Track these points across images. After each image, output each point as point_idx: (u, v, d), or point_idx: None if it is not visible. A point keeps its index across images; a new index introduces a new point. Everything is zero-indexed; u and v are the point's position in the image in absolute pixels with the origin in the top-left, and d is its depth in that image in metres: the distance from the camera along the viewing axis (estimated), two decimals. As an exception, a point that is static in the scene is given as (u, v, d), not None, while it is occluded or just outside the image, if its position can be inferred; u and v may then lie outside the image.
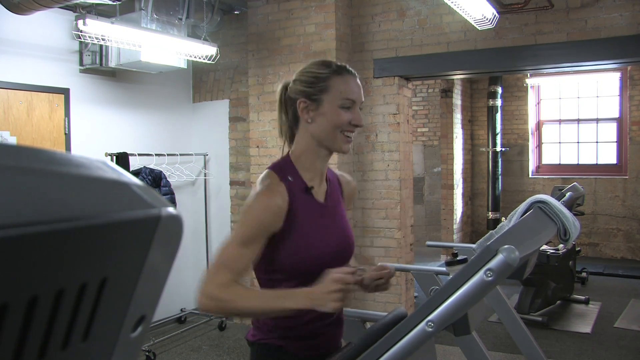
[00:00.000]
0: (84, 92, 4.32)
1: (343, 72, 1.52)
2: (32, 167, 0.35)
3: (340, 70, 1.52)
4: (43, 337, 0.36)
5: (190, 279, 5.16)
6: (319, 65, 1.54)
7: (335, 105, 1.49)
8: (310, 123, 1.51)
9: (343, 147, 1.52)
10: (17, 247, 0.32)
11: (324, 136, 1.51)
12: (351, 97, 1.50)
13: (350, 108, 1.50)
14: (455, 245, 4.66)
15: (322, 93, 1.50)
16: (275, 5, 4.49)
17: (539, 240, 1.53)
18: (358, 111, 1.52)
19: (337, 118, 1.49)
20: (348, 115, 1.49)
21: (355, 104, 1.51)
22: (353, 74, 1.55)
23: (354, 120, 1.50)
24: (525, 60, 4.01)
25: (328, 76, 1.51)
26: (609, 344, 4.31)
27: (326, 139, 1.52)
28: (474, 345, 1.99)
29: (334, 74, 1.51)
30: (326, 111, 1.49)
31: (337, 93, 1.49)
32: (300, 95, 1.51)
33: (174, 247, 0.44)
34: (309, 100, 1.50)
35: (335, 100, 1.49)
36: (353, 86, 1.52)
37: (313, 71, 1.52)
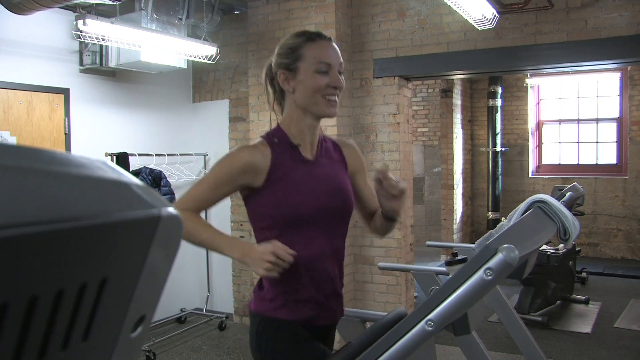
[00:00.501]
0: (84, 92, 4.32)
1: (316, 38, 1.57)
2: (32, 167, 0.35)
3: (312, 37, 1.58)
4: (43, 337, 0.36)
5: (190, 279, 5.17)
6: (293, 36, 1.60)
7: (311, 71, 1.54)
8: (292, 93, 1.58)
9: (327, 110, 1.57)
10: (17, 247, 0.32)
11: (306, 102, 1.57)
12: (325, 60, 1.55)
13: (326, 72, 1.55)
14: (455, 245, 4.66)
15: (298, 61, 1.56)
16: (275, 5, 4.49)
17: (538, 239, 1.53)
18: (336, 73, 1.56)
19: (314, 82, 1.54)
20: (325, 79, 1.54)
21: (332, 67, 1.55)
22: (327, 38, 1.59)
23: (332, 82, 1.55)
24: (525, 60, 4.01)
25: (301, 44, 1.57)
26: (609, 344, 4.31)
27: (309, 105, 1.57)
28: (474, 345, 2.00)
29: (307, 41, 1.57)
30: (303, 78, 1.55)
31: (311, 59, 1.55)
32: (280, 67, 1.59)
33: (174, 247, 0.44)
34: (287, 71, 1.57)
35: (310, 65, 1.55)
36: (327, 50, 1.56)
37: (288, 43, 1.59)
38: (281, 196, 1.54)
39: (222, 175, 1.55)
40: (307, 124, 1.60)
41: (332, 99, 1.56)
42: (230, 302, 5.06)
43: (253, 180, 1.55)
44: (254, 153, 1.55)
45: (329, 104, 1.56)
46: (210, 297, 5.16)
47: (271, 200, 1.54)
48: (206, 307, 5.11)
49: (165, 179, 4.53)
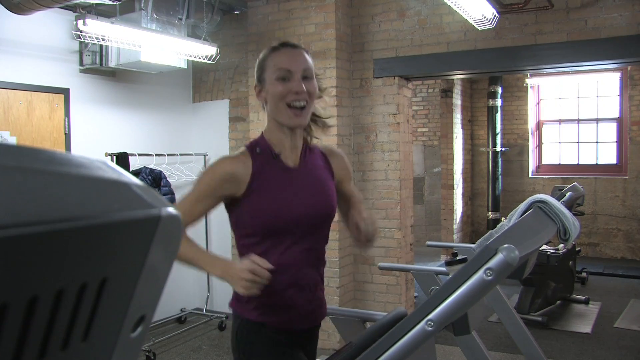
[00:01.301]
0: (84, 92, 4.32)
1: (279, 47, 1.57)
2: (32, 167, 0.35)
3: (277, 47, 1.58)
4: (43, 337, 0.36)
5: (190, 279, 5.16)
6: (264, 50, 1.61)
7: (272, 79, 1.54)
8: (266, 104, 1.59)
9: (290, 121, 1.55)
10: (17, 247, 0.32)
11: (274, 113, 1.57)
12: (283, 66, 1.53)
13: (287, 79, 1.53)
14: (455, 245, 4.65)
15: (264, 72, 1.57)
16: (275, 5, 4.49)
17: (538, 239, 1.53)
18: (297, 79, 1.53)
19: (274, 90, 1.54)
20: (285, 86, 1.52)
21: (292, 73, 1.53)
22: (292, 45, 1.58)
23: (293, 87, 1.51)
24: (525, 60, 4.01)
25: (267, 56, 1.58)
26: (609, 344, 4.31)
27: (276, 115, 1.57)
28: (474, 345, 2.00)
29: (272, 51, 1.57)
30: (267, 87, 1.56)
31: (272, 67, 1.55)
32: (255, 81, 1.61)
33: (174, 247, 0.44)
34: (258, 84, 1.59)
35: (271, 74, 1.55)
36: (286, 56, 1.55)
37: (259, 56, 1.61)
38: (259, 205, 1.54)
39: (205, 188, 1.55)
40: (285, 134, 1.60)
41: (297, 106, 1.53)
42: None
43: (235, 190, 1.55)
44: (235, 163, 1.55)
45: (292, 113, 1.54)
46: (210, 297, 5.16)
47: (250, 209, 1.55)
48: (206, 307, 5.11)
49: (165, 179, 4.53)
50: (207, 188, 1.55)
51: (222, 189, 1.54)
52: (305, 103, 1.54)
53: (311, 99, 1.56)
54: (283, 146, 1.60)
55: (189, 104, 5.31)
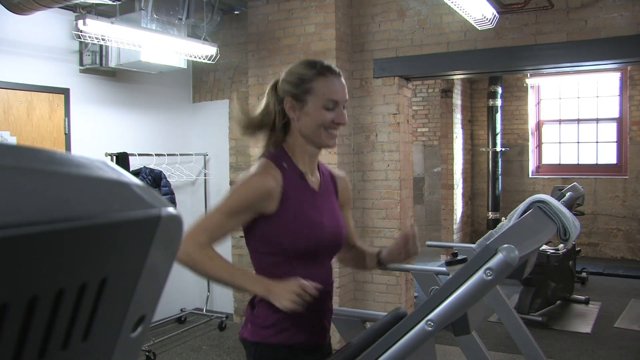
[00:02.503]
0: (84, 92, 4.32)
1: (326, 74, 1.58)
2: (32, 167, 0.35)
3: (323, 72, 1.58)
4: (43, 337, 0.36)
5: (190, 279, 5.16)
6: (304, 66, 1.60)
7: (319, 106, 1.56)
8: (297, 121, 1.59)
9: (328, 142, 1.60)
10: (17, 247, 0.32)
11: (309, 133, 1.59)
12: (334, 98, 1.57)
13: (333, 108, 1.57)
14: (455, 245, 4.65)
15: (307, 94, 1.56)
16: (275, 5, 4.49)
17: (538, 239, 1.53)
18: (341, 110, 1.59)
19: (320, 118, 1.56)
20: (331, 115, 1.57)
21: (339, 104, 1.58)
22: (337, 73, 1.60)
23: (337, 119, 1.57)
24: (525, 60, 4.01)
25: (312, 78, 1.57)
26: (609, 344, 4.31)
27: (311, 136, 1.59)
28: (474, 345, 2.00)
29: (318, 75, 1.57)
30: (310, 111, 1.56)
31: (321, 95, 1.56)
32: (287, 94, 1.59)
33: (174, 247, 0.44)
34: (294, 100, 1.58)
35: (318, 101, 1.56)
36: (336, 87, 1.58)
37: (298, 72, 1.59)
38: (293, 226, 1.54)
39: (240, 204, 1.51)
40: (309, 152, 1.62)
41: (333, 133, 1.59)
42: (230, 302, 5.06)
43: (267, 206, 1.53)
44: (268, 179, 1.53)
45: (330, 137, 1.59)
46: (210, 297, 5.16)
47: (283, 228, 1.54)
48: (206, 307, 5.11)
49: (165, 179, 4.53)
50: (242, 205, 1.51)
51: (257, 206, 1.52)
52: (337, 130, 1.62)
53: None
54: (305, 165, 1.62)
55: (189, 104, 5.31)
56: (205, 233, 1.49)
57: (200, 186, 5.19)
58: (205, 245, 1.48)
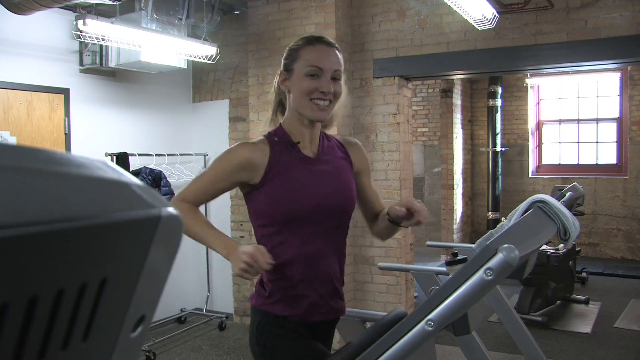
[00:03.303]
0: (84, 92, 4.32)
1: (315, 42, 1.57)
2: (32, 167, 0.35)
3: (312, 41, 1.57)
4: (43, 337, 0.36)
5: (190, 279, 5.17)
6: (299, 39, 1.62)
7: (302, 73, 1.54)
8: (289, 93, 1.59)
9: (314, 114, 1.55)
10: (17, 247, 0.32)
11: (297, 104, 1.57)
12: (316, 64, 1.53)
13: (317, 76, 1.53)
14: (455, 245, 4.65)
15: (294, 63, 1.57)
16: (275, 5, 4.49)
17: (538, 239, 1.53)
18: (327, 79, 1.53)
19: (302, 85, 1.53)
20: (313, 83, 1.53)
21: (323, 72, 1.53)
22: (327, 43, 1.58)
23: (320, 86, 1.52)
24: (525, 60, 4.01)
25: (300, 46, 1.58)
26: (609, 344, 4.31)
27: (299, 107, 1.57)
28: (474, 345, 2.00)
29: (306, 44, 1.57)
30: (295, 79, 1.56)
31: (305, 61, 1.54)
32: (282, 68, 1.61)
33: (174, 247, 0.44)
34: (285, 72, 1.59)
35: (302, 68, 1.54)
36: (321, 54, 1.55)
37: (291, 45, 1.61)
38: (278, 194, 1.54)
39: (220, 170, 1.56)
40: (305, 124, 1.60)
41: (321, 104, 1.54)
42: (230, 302, 5.06)
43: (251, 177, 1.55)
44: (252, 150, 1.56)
45: (315, 108, 1.54)
46: (210, 297, 5.16)
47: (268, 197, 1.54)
48: (206, 307, 5.11)
49: (165, 179, 4.53)
50: (222, 171, 1.56)
51: (238, 174, 1.55)
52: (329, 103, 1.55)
53: (335, 99, 1.57)
54: (302, 136, 1.61)
55: (189, 104, 5.31)
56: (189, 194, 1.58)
57: (200, 186, 5.18)
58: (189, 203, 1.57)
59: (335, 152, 1.68)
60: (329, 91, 1.53)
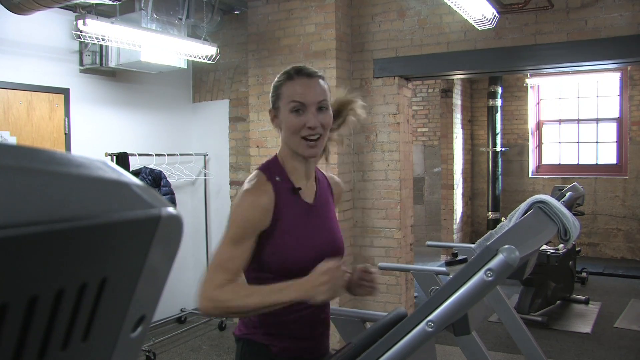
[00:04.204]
0: (84, 92, 4.32)
1: (294, 76, 1.51)
2: (32, 167, 0.35)
3: (292, 75, 1.52)
4: (43, 337, 0.36)
5: (190, 279, 5.16)
6: (280, 73, 1.56)
7: (287, 111, 1.50)
8: (280, 131, 1.55)
9: (305, 151, 1.50)
10: (17, 247, 0.32)
11: (288, 142, 1.53)
12: (296, 99, 1.48)
13: (300, 111, 1.48)
14: (455, 245, 4.65)
15: (278, 100, 1.53)
16: (275, 5, 4.49)
17: (539, 240, 1.53)
18: (311, 112, 1.48)
19: (289, 123, 1.49)
20: (299, 119, 1.48)
21: (306, 106, 1.48)
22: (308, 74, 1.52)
23: (307, 122, 1.47)
24: (525, 60, 4.01)
25: (282, 83, 1.53)
26: (609, 344, 4.31)
27: (291, 145, 1.53)
28: (474, 345, 1.99)
29: (287, 79, 1.52)
30: (282, 118, 1.51)
31: (286, 98, 1.50)
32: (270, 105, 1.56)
33: (174, 247, 0.44)
34: (273, 109, 1.55)
35: (285, 105, 1.50)
36: (302, 88, 1.49)
37: (275, 80, 1.56)
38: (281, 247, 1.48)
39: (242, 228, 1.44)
40: (299, 161, 1.55)
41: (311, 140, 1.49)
42: (230, 302, 5.05)
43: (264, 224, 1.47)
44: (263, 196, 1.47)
45: (306, 145, 1.49)
46: (210, 297, 5.15)
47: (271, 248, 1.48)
48: (206, 307, 5.10)
49: (165, 179, 4.53)
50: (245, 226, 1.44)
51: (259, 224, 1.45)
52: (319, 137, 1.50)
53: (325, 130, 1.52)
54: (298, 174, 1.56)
55: (189, 104, 5.31)
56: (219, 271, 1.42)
57: (200, 186, 5.19)
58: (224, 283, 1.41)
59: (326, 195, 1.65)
60: (315, 125, 1.48)
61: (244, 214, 1.45)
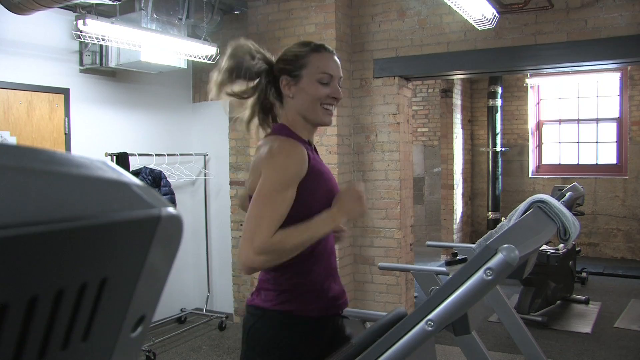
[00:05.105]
0: (84, 92, 4.32)
1: (320, 50, 1.64)
2: (32, 167, 0.35)
3: (317, 48, 1.64)
4: (43, 337, 0.36)
5: (190, 279, 5.16)
6: (299, 45, 1.67)
7: (314, 80, 1.59)
8: (292, 98, 1.61)
9: (324, 119, 1.62)
10: (17, 247, 0.32)
11: (305, 109, 1.60)
12: (328, 72, 1.60)
13: (327, 83, 1.60)
14: (455, 245, 4.64)
15: (302, 69, 1.60)
16: (275, 5, 4.49)
17: (538, 239, 1.53)
18: (336, 85, 1.62)
19: (316, 91, 1.59)
20: (326, 89, 1.59)
21: (333, 78, 1.61)
22: (330, 51, 1.66)
23: (332, 92, 1.60)
24: (525, 60, 4.01)
25: (307, 53, 1.62)
26: (609, 344, 4.31)
27: (307, 112, 1.60)
28: (474, 345, 1.99)
29: (312, 51, 1.63)
30: (305, 86, 1.59)
31: (315, 68, 1.60)
32: (283, 73, 1.63)
33: (174, 247, 0.44)
34: (289, 77, 1.61)
35: (313, 75, 1.59)
36: (330, 62, 1.62)
37: (294, 50, 1.65)
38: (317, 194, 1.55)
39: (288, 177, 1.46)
40: (307, 129, 1.64)
41: (329, 109, 1.61)
42: (230, 302, 5.06)
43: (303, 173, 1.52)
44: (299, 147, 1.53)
45: (326, 113, 1.61)
46: (210, 297, 5.15)
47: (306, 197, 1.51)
48: (206, 307, 5.10)
49: (165, 179, 4.53)
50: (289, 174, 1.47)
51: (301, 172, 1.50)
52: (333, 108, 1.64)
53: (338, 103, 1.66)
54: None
55: (189, 104, 5.31)
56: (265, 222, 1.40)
57: (200, 186, 5.19)
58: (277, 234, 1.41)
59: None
60: (340, 97, 1.62)
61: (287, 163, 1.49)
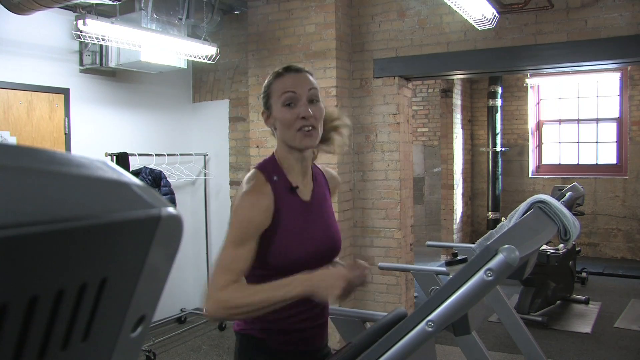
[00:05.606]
0: (84, 92, 4.32)
1: (284, 73, 1.57)
2: (32, 167, 0.35)
3: (281, 72, 1.57)
4: (43, 337, 0.36)
5: (190, 279, 5.16)
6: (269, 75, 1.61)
7: (279, 105, 1.54)
8: (275, 129, 1.58)
9: (302, 142, 1.53)
10: (17, 247, 0.32)
11: (284, 137, 1.56)
12: (288, 89, 1.53)
13: (292, 104, 1.52)
14: (455, 245, 4.65)
15: (270, 98, 1.57)
16: (275, 5, 4.49)
17: (539, 240, 1.53)
18: (304, 103, 1.52)
19: (283, 116, 1.53)
20: (292, 112, 1.52)
21: (299, 97, 1.52)
22: (296, 70, 1.57)
23: (300, 113, 1.51)
24: (525, 60, 4.01)
25: (271, 82, 1.58)
26: (609, 344, 4.31)
27: (286, 139, 1.56)
28: (474, 345, 1.99)
29: (275, 77, 1.57)
30: (276, 114, 1.55)
31: (278, 93, 1.54)
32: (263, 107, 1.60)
33: (174, 247, 0.44)
34: (266, 110, 1.59)
35: (277, 100, 1.54)
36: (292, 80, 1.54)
37: (265, 83, 1.60)
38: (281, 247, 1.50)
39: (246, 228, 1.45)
40: (295, 157, 1.58)
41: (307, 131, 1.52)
42: (230, 302, 5.06)
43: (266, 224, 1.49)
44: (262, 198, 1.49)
45: (303, 135, 1.52)
46: (210, 297, 5.15)
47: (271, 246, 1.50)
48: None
49: (165, 179, 4.53)
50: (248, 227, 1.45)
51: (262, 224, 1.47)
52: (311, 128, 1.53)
53: (318, 122, 1.55)
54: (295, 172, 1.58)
55: (189, 104, 5.31)
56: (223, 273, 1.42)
57: (200, 186, 5.19)
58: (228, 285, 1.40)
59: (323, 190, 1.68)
60: (308, 115, 1.51)
61: (245, 215, 1.47)
